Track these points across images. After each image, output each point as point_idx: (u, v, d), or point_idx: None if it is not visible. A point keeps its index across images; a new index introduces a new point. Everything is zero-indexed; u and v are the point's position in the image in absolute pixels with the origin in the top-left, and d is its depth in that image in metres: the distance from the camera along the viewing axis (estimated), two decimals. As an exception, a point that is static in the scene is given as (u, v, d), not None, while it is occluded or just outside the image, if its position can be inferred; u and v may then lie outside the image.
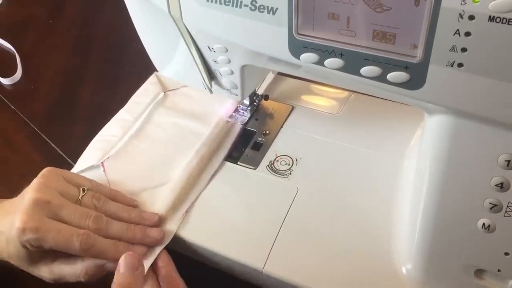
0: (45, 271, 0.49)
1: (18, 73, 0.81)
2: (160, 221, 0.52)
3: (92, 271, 0.49)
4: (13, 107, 0.76)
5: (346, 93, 0.64)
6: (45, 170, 0.50)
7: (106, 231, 0.48)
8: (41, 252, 0.48)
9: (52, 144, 0.70)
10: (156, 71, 0.59)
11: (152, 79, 0.69)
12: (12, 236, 0.46)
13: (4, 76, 0.81)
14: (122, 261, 0.46)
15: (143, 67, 0.69)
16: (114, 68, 0.81)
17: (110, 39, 0.89)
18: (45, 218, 0.46)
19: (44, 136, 0.72)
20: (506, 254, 0.40)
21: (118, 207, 0.52)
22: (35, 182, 0.49)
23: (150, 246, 0.50)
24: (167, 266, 0.49)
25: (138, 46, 0.55)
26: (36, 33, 0.92)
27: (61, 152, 0.69)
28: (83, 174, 0.58)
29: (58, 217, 0.47)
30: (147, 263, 0.48)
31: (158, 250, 0.50)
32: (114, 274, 0.46)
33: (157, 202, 0.54)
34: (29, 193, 0.47)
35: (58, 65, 0.84)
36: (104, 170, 0.57)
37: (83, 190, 0.50)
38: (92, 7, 0.96)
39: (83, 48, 0.87)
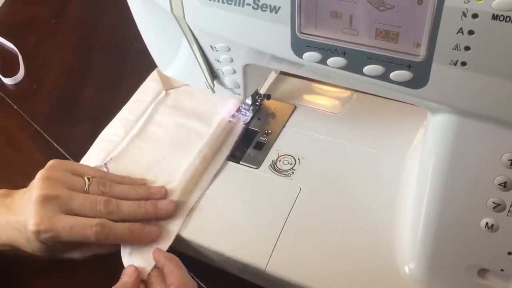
0: (76, 254, 0.51)
1: (21, 73, 0.81)
2: (167, 194, 0.54)
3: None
4: (15, 106, 0.76)
5: (348, 93, 0.64)
6: (49, 164, 0.51)
7: (118, 213, 0.49)
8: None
9: (55, 144, 0.70)
10: (158, 69, 0.60)
11: (153, 76, 0.69)
12: (30, 237, 0.47)
13: (6, 76, 0.81)
14: (124, 271, 0.48)
15: (145, 67, 0.69)
16: (116, 68, 0.81)
17: (113, 39, 0.89)
18: (56, 215, 0.47)
19: (46, 136, 0.72)
20: (509, 253, 0.40)
21: (124, 188, 0.53)
22: (39, 177, 0.49)
23: (163, 219, 0.52)
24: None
25: (140, 46, 0.55)
26: (38, 33, 0.92)
27: (63, 152, 0.69)
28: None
29: (69, 210, 0.48)
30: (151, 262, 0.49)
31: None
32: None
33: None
34: (35, 191, 0.47)
35: (60, 65, 0.84)
36: (107, 171, 0.57)
37: (88, 179, 0.51)
38: (95, 7, 0.96)
39: (85, 48, 0.87)
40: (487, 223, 0.39)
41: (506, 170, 0.36)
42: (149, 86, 0.67)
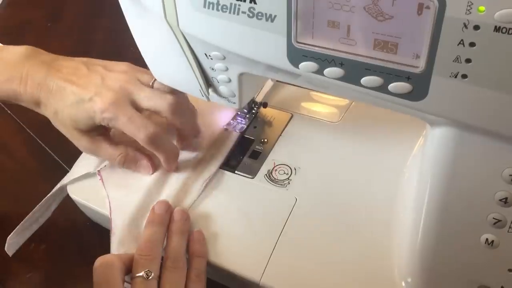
0: (86, 141, 0.54)
1: (15, 77, 0.80)
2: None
3: (128, 159, 0.55)
4: (9, 111, 0.76)
5: (346, 101, 0.63)
6: (126, 64, 0.56)
7: (179, 113, 0.53)
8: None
9: (49, 150, 0.70)
10: (154, 77, 0.59)
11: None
12: (88, 108, 0.51)
13: (0, 80, 0.80)
14: (156, 204, 0.51)
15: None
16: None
17: (109, 44, 0.88)
18: (125, 104, 0.51)
19: (40, 142, 0.71)
20: (510, 270, 0.39)
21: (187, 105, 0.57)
22: (120, 70, 0.54)
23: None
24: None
25: (137, 52, 0.54)
26: (34, 36, 0.91)
27: (57, 158, 0.68)
28: (79, 181, 0.57)
29: (136, 100, 0.52)
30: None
31: None
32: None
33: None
34: (115, 80, 0.52)
35: (55, 69, 0.83)
36: (101, 179, 0.56)
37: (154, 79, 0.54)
38: (91, 12, 0.95)
39: (81, 52, 0.86)
40: (487, 239, 0.38)
41: (507, 185, 0.35)
42: None
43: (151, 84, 0.53)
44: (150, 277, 0.44)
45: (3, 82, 0.52)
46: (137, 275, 0.44)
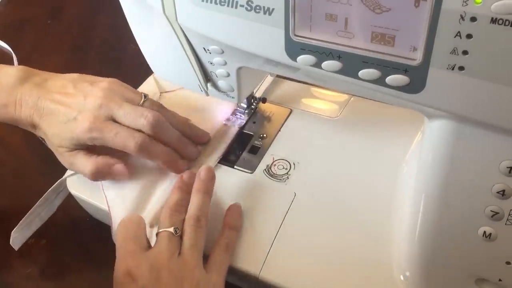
0: (66, 157, 0.53)
1: (15, 74, 0.80)
2: (209, 140, 0.59)
3: (100, 169, 0.53)
4: (9, 108, 0.75)
5: (345, 96, 0.63)
6: (111, 80, 0.55)
7: (159, 132, 0.52)
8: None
9: (48, 146, 0.69)
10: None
11: (149, 80, 0.68)
12: (73, 128, 0.51)
13: (0, 77, 0.80)
14: (185, 174, 0.52)
15: (141, 69, 0.68)
16: (111, 69, 0.81)
17: (108, 40, 0.88)
18: (106, 122, 0.51)
19: (40, 138, 0.71)
20: (508, 263, 0.39)
21: (175, 116, 0.56)
22: (101, 87, 0.53)
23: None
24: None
25: (136, 47, 0.54)
26: (34, 33, 0.91)
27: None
28: (78, 179, 0.57)
29: (116, 117, 0.51)
30: None
31: None
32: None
33: (149, 205, 0.53)
34: (95, 98, 0.51)
35: (56, 65, 0.83)
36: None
37: (145, 96, 0.54)
38: (90, 8, 0.96)
39: (81, 49, 0.87)
40: (484, 232, 0.38)
41: (505, 177, 0.35)
42: (143, 89, 0.67)
43: (141, 103, 0.53)
44: (178, 234, 0.46)
45: (1, 108, 0.54)
46: (166, 229, 0.46)
